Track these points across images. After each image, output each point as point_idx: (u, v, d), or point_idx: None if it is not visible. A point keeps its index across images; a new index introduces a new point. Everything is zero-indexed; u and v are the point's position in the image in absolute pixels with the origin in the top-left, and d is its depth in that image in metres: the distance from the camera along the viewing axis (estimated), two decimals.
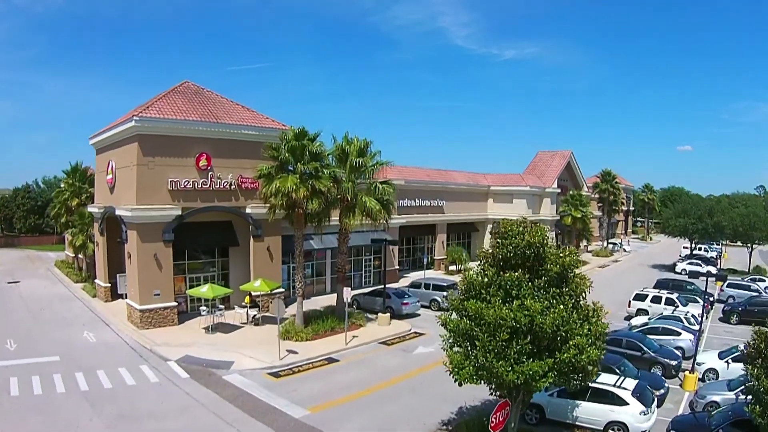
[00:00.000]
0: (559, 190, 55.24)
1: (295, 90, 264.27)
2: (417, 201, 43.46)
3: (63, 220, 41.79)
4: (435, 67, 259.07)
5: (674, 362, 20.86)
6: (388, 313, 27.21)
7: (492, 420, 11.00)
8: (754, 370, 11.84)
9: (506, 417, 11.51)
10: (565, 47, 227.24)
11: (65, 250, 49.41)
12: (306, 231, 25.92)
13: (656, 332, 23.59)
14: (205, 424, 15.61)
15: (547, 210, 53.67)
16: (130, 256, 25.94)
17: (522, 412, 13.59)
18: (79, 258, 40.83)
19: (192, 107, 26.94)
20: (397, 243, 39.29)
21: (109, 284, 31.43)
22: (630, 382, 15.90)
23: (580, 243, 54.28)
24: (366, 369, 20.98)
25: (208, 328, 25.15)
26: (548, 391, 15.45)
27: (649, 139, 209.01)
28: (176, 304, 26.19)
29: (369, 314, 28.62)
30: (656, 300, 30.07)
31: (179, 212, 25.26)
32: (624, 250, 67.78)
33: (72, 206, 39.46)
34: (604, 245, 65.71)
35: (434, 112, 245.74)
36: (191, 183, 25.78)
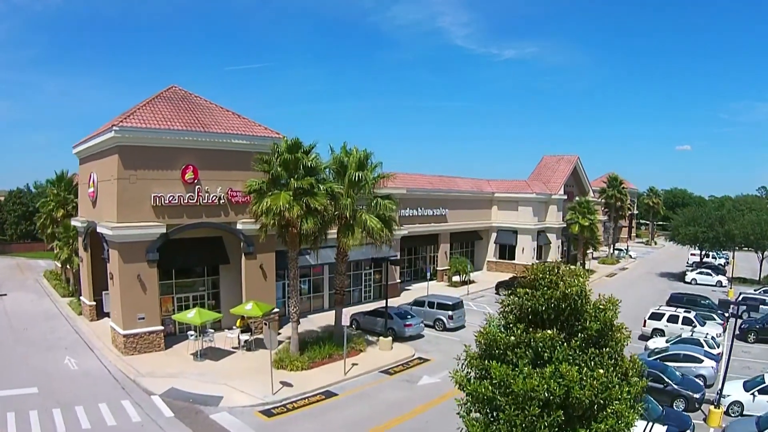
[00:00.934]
0: (566, 197, 53.48)
1: (295, 90, 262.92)
2: (419, 210, 41.65)
3: (49, 231, 39.98)
4: (434, 67, 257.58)
5: (698, 395, 19.40)
6: (390, 337, 25.37)
7: None
8: None
9: None
10: (564, 47, 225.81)
11: (54, 260, 47.65)
12: (302, 246, 24.16)
13: (677, 359, 22.21)
14: None
15: (554, 217, 51.91)
16: (113, 277, 24.13)
17: None
18: (67, 269, 39.06)
19: (178, 115, 25.09)
20: (399, 262, 37.63)
21: (95, 302, 29.69)
22: (659, 429, 14.28)
23: (587, 251, 52.47)
24: (367, 405, 19.17)
25: (197, 354, 23.38)
26: None
27: (648, 139, 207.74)
28: (162, 329, 24.35)
29: (369, 335, 26.89)
30: (673, 319, 28.53)
31: (164, 230, 23.40)
32: (630, 257, 66.13)
33: (57, 217, 37.65)
34: (611, 252, 63.99)
35: (434, 112, 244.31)
36: (177, 198, 23.94)
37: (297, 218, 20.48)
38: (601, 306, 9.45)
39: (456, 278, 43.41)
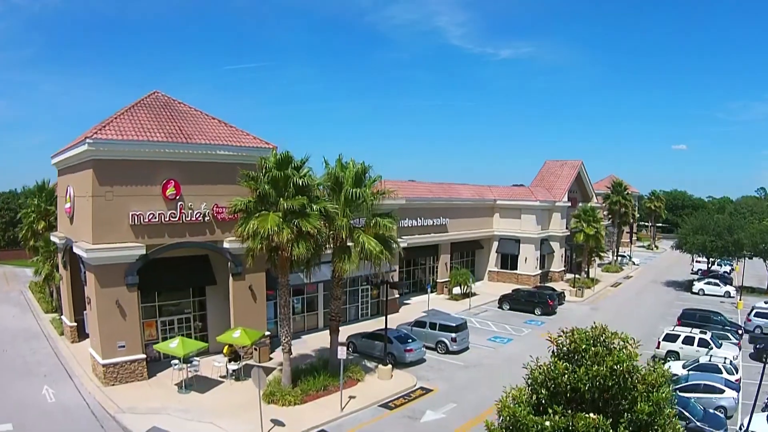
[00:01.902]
0: (569, 204, 51.81)
1: (291, 89, 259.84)
2: (419, 220, 39.85)
3: (31, 244, 37.98)
4: (431, 67, 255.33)
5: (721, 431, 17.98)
6: (390, 365, 23.54)
7: None
8: None
9: None
10: (562, 47, 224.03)
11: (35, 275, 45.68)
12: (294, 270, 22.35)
13: (696, 389, 20.90)
14: None
15: (557, 225, 50.21)
16: (90, 302, 22.30)
17: None
18: (51, 282, 37.15)
19: (158, 124, 23.24)
20: (400, 287, 35.86)
21: (75, 323, 27.83)
22: None
23: (591, 260, 50.81)
24: None
25: (182, 385, 21.58)
26: None
27: (644, 138, 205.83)
28: (144, 356, 22.51)
29: (367, 360, 25.16)
30: (689, 341, 27.01)
31: (143, 251, 21.51)
32: (633, 263, 64.59)
33: (39, 230, 35.70)
34: (614, 259, 62.38)
35: (431, 111, 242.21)
36: (157, 216, 22.06)
37: (287, 243, 18.57)
38: (654, 382, 7.70)
39: (457, 290, 41.67)
